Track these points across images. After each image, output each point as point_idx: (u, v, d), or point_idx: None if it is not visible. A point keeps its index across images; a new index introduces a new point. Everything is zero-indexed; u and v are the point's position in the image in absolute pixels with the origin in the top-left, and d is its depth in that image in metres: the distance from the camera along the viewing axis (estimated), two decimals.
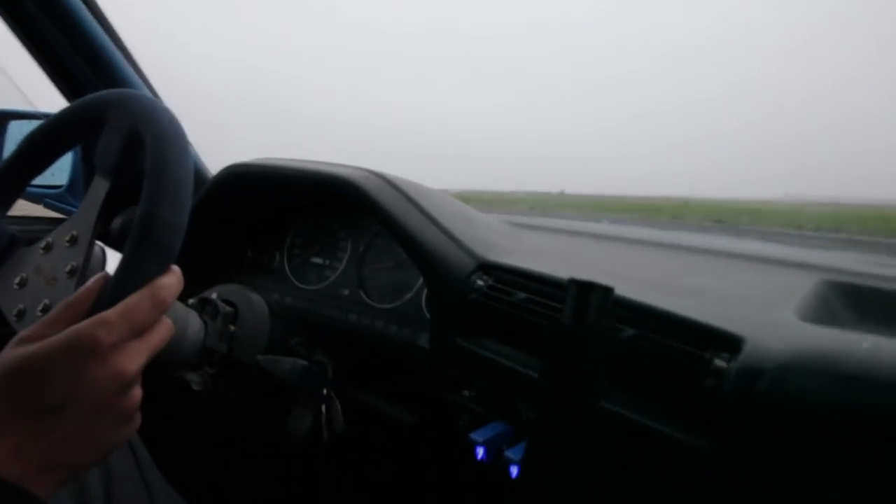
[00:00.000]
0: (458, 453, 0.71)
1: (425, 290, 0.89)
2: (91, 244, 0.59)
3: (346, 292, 0.97)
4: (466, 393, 0.72)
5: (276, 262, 1.07)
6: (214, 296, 0.81)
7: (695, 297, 0.65)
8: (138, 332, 0.46)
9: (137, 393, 0.46)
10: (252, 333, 0.80)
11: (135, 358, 0.46)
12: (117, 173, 0.57)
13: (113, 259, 0.74)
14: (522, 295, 0.70)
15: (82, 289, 0.48)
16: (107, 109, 0.57)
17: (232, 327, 0.79)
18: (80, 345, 0.43)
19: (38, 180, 0.67)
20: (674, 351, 0.56)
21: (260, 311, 0.82)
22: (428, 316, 0.88)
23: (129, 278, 0.47)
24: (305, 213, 1.06)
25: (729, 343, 0.54)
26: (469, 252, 0.77)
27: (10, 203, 0.64)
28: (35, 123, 1.26)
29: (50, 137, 0.63)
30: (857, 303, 0.70)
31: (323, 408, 0.80)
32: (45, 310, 0.56)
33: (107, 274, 0.49)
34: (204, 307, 0.78)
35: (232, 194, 1.00)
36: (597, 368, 0.46)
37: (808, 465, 0.48)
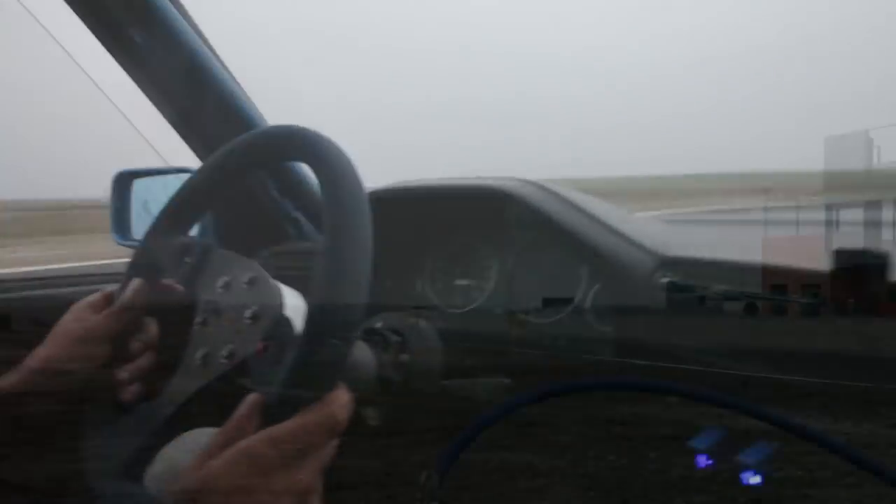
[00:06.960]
0: (675, 461, 0.67)
1: (589, 299, 0.86)
2: (271, 285, 0.58)
3: (500, 311, 0.95)
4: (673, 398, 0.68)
5: (417, 289, 1.06)
6: (380, 325, 0.80)
7: None
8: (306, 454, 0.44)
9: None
10: (426, 360, 0.79)
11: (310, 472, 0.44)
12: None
13: (290, 299, 0.74)
14: (720, 287, 0.66)
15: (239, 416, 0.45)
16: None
17: (404, 356, 0.78)
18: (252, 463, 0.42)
19: None
20: None
21: (430, 336, 0.81)
22: (597, 325, 0.85)
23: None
24: (442, 236, 1.06)
25: None
26: (647, 251, 0.74)
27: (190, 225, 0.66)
28: (162, 179, 1.29)
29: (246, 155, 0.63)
30: None
31: None
32: (230, 356, 0.56)
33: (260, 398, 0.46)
34: (371, 339, 0.78)
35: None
36: None
37: None
